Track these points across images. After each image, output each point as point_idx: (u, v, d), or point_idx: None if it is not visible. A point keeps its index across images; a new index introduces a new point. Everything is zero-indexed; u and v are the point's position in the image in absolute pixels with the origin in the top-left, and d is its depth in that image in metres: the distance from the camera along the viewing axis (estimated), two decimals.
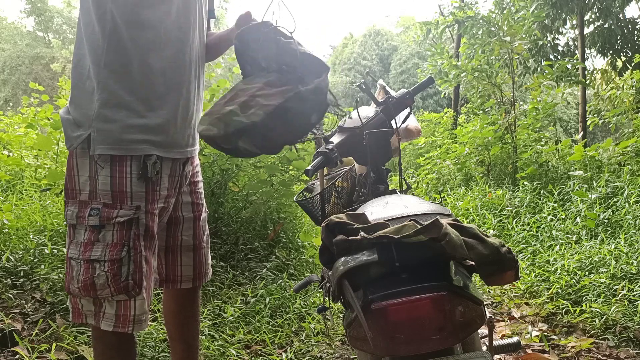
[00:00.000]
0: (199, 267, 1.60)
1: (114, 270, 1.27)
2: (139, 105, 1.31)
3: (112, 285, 1.27)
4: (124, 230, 1.28)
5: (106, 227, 1.27)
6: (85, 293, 1.28)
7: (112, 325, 1.30)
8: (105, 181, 1.28)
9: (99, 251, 1.27)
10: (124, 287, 1.28)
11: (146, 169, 1.30)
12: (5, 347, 2.04)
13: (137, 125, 1.30)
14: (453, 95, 10.22)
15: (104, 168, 1.28)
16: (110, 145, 1.28)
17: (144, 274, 1.31)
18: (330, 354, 2.32)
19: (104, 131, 1.27)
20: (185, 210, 1.55)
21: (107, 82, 1.28)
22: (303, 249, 3.62)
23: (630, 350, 2.27)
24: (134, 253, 1.30)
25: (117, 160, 1.29)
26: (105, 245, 1.27)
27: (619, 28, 9.03)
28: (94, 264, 1.27)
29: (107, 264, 1.26)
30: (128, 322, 1.30)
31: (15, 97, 25.98)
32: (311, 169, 1.39)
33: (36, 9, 28.86)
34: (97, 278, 1.26)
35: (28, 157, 4.98)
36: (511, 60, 6.44)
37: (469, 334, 0.97)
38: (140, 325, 1.32)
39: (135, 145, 1.30)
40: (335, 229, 1.02)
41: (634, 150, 5.07)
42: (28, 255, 2.76)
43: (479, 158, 6.52)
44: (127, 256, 1.29)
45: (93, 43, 1.29)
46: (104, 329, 1.30)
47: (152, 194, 1.34)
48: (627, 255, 3.01)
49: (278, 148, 1.40)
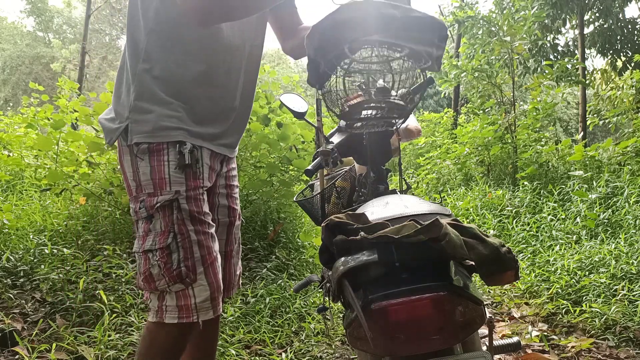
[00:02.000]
0: (228, 278, 1.52)
1: (164, 258, 1.25)
2: (175, 104, 1.30)
3: (165, 274, 1.25)
4: (167, 217, 1.27)
5: (155, 216, 1.27)
6: (147, 286, 1.28)
7: (176, 317, 1.27)
8: (146, 171, 1.28)
9: (151, 241, 1.26)
10: (177, 275, 1.25)
11: (183, 157, 1.28)
12: (5, 347, 2.04)
13: (173, 116, 1.29)
14: (453, 95, 10.23)
15: (144, 160, 1.28)
16: (146, 133, 1.27)
17: (196, 260, 1.28)
18: (330, 354, 2.31)
19: (140, 121, 1.27)
20: (222, 214, 1.51)
21: (142, 77, 1.28)
22: (303, 249, 3.62)
23: (630, 350, 2.27)
24: (181, 239, 1.27)
25: (154, 149, 1.28)
26: (155, 235, 1.27)
27: (619, 28, 9.04)
28: (148, 254, 1.26)
29: (158, 252, 1.25)
30: (191, 311, 1.27)
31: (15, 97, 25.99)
32: (311, 169, 1.39)
33: (36, 9, 28.87)
34: (153, 268, 1.26)
35: (28, 157, 4.98)
36: (511, 60, 6.44)
37: (469, 334, 0.97)
38: (206, 312, 1.28)
39: (170, 132, 1.28)
40: (335, 229, 1.02)
41: (634, 150, 5.07)
42: (28, 255, 2.76)
43: (479, 158, 6.53)
44: (173, 242, 1.26)
45: (134, 36, 1.29)
46: (168, 322, 1.27)
47: (194, 181, 1.31)
48: (627, 255, 3.01)
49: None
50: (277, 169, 3.69)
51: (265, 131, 3.62)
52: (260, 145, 3.59)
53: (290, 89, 4.85)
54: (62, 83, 5.54)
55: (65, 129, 3.70)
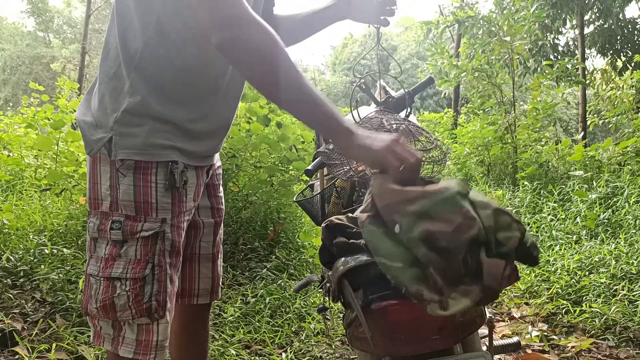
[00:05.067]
0: (216, 280, 1.44)
1: (136, 289, 1.14)
2: (169, 119, 1.16)
3: (133, 307, 1.14)
4: (149, 246, 1.15)
5: (129, 241, 1.14)
6: (104, 314, 1.15)
7: (132, 352, 1.16)
8: (128, 190, 1.14)
9: (121, 268, 1.14)
10: (146, 309, 1.15)
11: (174, 178, 1.16)
12: (5, 347, 2.04)
13: (166, 131, 1.15)
14: (453, 95, 10.24)
15: (126, 176, 1.14)
16: (134, 150, 1.13)
17: (168, 295, 1.18)
18: (330, 354, 2.31)
19: (127, 135, 1.12)
20: (204, 214, 1.39)
21: (137, 85, 1.13)
22: (303, 249, 3.62)
23: (630, 350, 2.27)
24: (158, 271, 1.16)
25: (142, 167, 1.14)
26: (127, 262, 1.14)
27: (619, 28, 9.04)
28: (114, 282, 1.13)
29: (129, 282, 1.13)
30: (150, 349, 1.17)
31: (15, 97, 26.00)
32: (311, 169, 1.39)
33: (37, 9, 28.88)
34: (118, 298, 1.13)
35: (28, 157, 4.99)
36: (511, 60, 6.44)
37: (469, 334, 0.97)
38: (163, 352, 1.19)
39: (162, 150, 1.15)
40: (335, 230, 1.02)
41: (634, 150, 5.07)
42: (28, 255, 2.76)
43: (479, 158, 6.53)
44: (150, 274, 1.15)
45: (127, 40, 1.13)
46: (122, 355, 1.17)
47: (179, 205, 1.20)
48: (627, 255, 3.01)
49: None
50: (277, 169, 3.69)
51: (265, 131, 3.62)
52: (260, 145, 3.59)
53: None
54: (62, 83, 5.55)
55: (65, 129, 3.70)
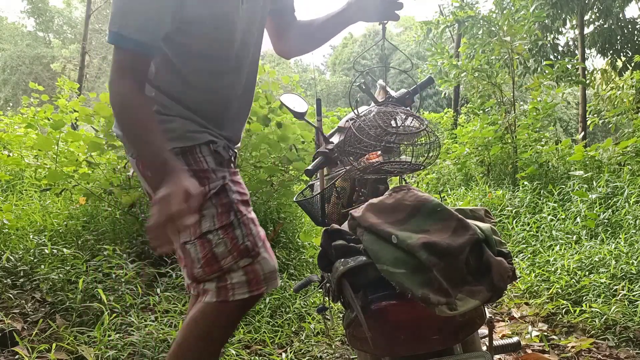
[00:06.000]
0: None
1: (229, 234, 1.23)
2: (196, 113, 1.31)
3: (233, 250, 1.23)
4: (223, 198, 1.25)
5: (205, 204, 1.22)
6: (209, 270, 1.22)
7: (247, 292, 1.24)
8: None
9: (208, 223, 1.22)
10: (244, 250, 1.24)
11: (219, 154, 1.30)
12: (5, 347, 2.04)
13: (193, 119, 1.30)
14: (453, 95, 10.23)
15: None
16: (176, 140, 1.25)
17: (255, 236, 1.28)
18: (330, 354, 2.31)
19: (165, 131, 1.23)
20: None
21: (159, 96, 1.28)
22: (303, 249, 3.62)
23: (630, 350, 2.27)
24: (240, 216, 1.26)
25: (188, 150, 1.26)
26: (212, 217, 1.23)
27: (619, 28, 9.04)
28: (207, 235, 1.22)
29: (220, 231, 1.22)
30: (261, 282, 1.25)
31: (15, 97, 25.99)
32: (311, 169, 1.39)
33: (37, 9, 28.87)
34: (217, 247, 1.22)
35: (28, 157, 4.99)
36: (511, 60, 6.44)
37: (468, 334, 0.97)
38: (273, 282, 1.29)
39: (199, 134, 1.28)
40: (335, 236, 1.03)
41: (634, 150, 5.07)
42: (28, 255, 2.76)
43: (479, 158, 6.52)
44: (235, 220, 1.24)
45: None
46: (238, 298, 1.23)
47: (232, 169, 1.34)
48: (627, 255, 3.01)
49: None
50: (277, 169, 3.69)
51: (265, 131, 3.61)
52: (260, 145, 3.59)
53: (290, 89, 4.85)
54: (62, 83, 5.55)
55: (65, 129, 3.70)
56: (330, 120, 4.77)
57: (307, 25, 1.58)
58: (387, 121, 1.31)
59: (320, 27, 1.56)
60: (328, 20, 1.54)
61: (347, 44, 37.22)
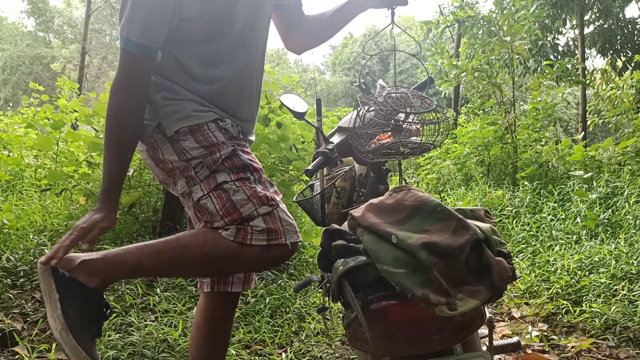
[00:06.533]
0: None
1: (246, 183, 1.24)
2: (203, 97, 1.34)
3: (252, 197, 1.22)
4: (236, 161, 1.27)
5: (218, 169, 1.25)
6: (229, 219, 1.21)
7: (264, 240, 1.22)
8: (194, 146, 1.26)
9: (223, 176, 1.24)
10: (264, 198, 1.23)
11: (228, 131, 1.31)
12: (5, 347, 2.04)
13: (197, 100, 1.32)
14: (453, 95, 10.23)
15: (187, 140, 1.27)
16: (183, 120, 1.27)
17: (272, 192, 1.28)
18: (330, 354, 2.31)
19: (172, 113, 1.28)
20: None
21: (162, 82, 1.33)
22: (303, 249, 3.62)
23: (630, 350, 2.27)
24: (253, 169, 1.28)
25: (196, 128, 1.28)
26: (228, 172, 1.25)
27: (619, 28, 9.04)
28: (222, 185, 1.23)
29: (238, 181, 1.23)
30: (280, 232, 1.24)
31: (15, 97, 25.98)
32: (311, 169, 1.39)
33: (37, 9, 28.87)
34: (234, 195, 1.22)
35: (28, 157, 4.99)
36: (511, 60, 6.44)
37: (468, 334, 0.97)
38: (293, 235, 1.26)
39: (203, 113, 1.30)
40: (335, 236, 1.03)
41: (634, 150, 5.07)
42: (28, 255, 2.76)
43: (479, 158, 6.52)
44: (250, 175, 1.26)
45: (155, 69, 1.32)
46: (255, 244, 1.21)
47: (241, 144, 1.34)
48: (627, 255, 3.01)
49: None
50: (277, 169, 3.69)
51: (265, 131, 3.62)
52: (260, 145, 3.60)
53: (290, 89, 4.85)
54: (62, 83, 5.55)
55: (65, 129, 3.70)
56: (330, 120, 4.77)
57: (316, 19, 1.58)
58: (397, 102, 1.31)
59: (329, 19, 1.56)
60: (337, 12, 1.54)
61: (347, 44, 37.21)
